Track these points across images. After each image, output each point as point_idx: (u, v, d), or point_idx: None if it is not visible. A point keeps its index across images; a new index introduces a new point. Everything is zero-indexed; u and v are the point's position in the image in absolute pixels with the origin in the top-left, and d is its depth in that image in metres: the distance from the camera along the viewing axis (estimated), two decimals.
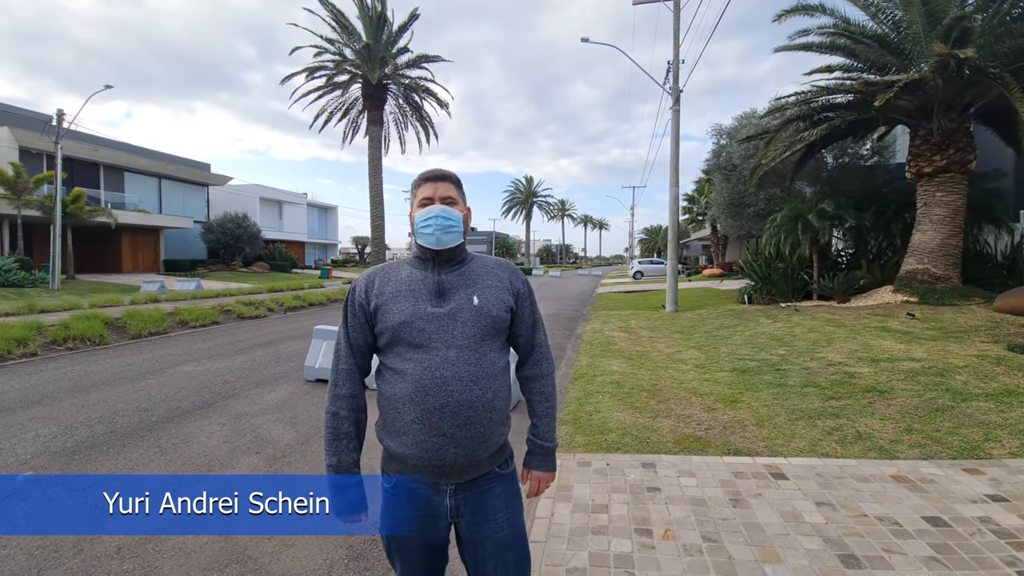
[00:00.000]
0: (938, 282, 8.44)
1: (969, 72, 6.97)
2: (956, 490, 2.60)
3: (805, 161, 10.31)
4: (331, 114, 21.21)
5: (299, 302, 12.73)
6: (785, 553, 2.15)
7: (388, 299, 1.24)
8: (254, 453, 3.45)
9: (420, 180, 1.33)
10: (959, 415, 3.68)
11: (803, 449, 3.33)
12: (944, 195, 8.34)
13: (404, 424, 1.19)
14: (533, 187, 54.21)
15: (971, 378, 4.45)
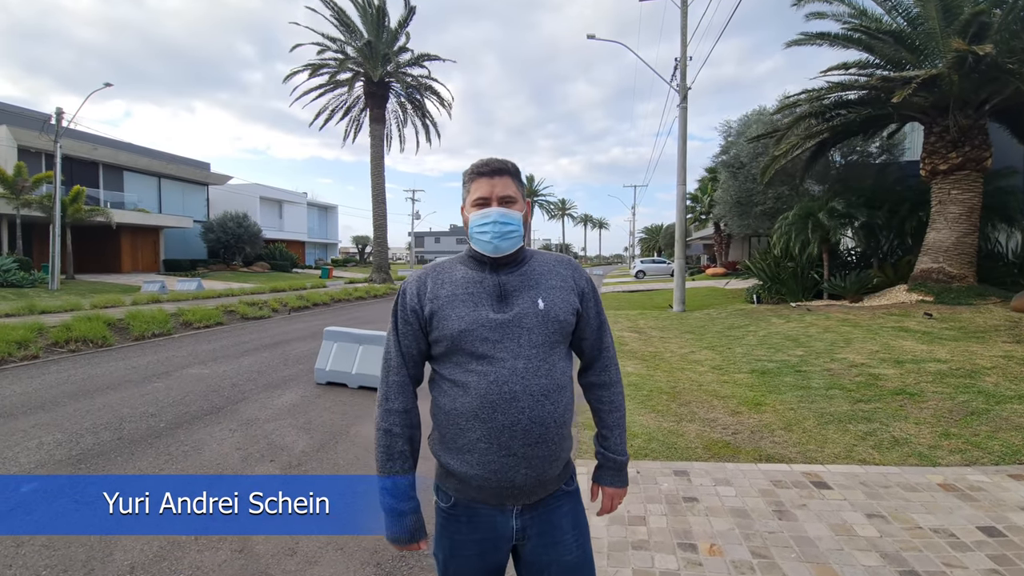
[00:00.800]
0: (954, 281, 8.33)
1: (986, 68, 6.86)
2: (1006, 497, 2.48)
3: (816, 158, 10.20)
4: (332, 112, 21.10)
5: (303, 302, 12.59)
6: (843, 570, 2.02)
7: (444, 304, 1.12)
8: (268, 461, 3.32)
9: (474, 174, 1.18)
10: (995, 418, 3.56)
11: (839, 455, 3.21)
12: (960, 193, 8.24)
13: (468, 442, 1.08)
14: (534, 186, 54.14)
15: (1001, 379, 4.34)
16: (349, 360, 5.18)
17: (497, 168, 1.17)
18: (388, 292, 17.92)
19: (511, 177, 1.18)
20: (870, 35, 8.22)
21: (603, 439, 1.27)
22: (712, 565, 2.10)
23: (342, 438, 3.77)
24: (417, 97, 21.06)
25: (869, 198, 9.94)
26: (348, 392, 5.02)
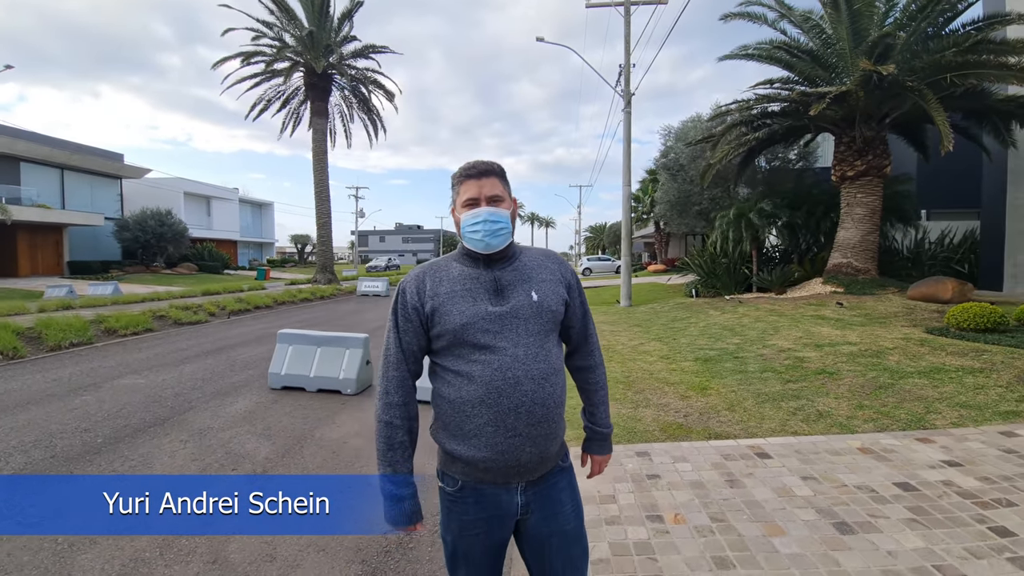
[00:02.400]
0: (860, 274, 9.43)
1: (888, 86, 7.84)
2: (915, 458, 2.92)
3: (746, 163, 11.13)
4: (269, 103, 19.88)
5: (243, 305, 11.82)
6: (787, 526, 2.31)
7: (445, 300, 1.19)
8: (230, 470, 3.17)
9: (462, 176, 1.25)
10: (900, 391, 4.13)
11: (775, 429, 3.59)
12: (864, 196, 9.33)
13: (475, 427, 1.16)
14: None
15: (902, 358, 5.02)
16: (306, 363, 5.01)
17: (484, 169, 1.25)
18: (335, 293, 17.24)
19: (497, 177, 1.26)
20: (790, 54, 9.12)
21: (591, 415, 1.41)
22: (678, 532, 2.31)
23: (307, 442, 3.67)
24: (362, 91, 20.37)
25: (791, 200, 11.01)
26: (307, 396, 4.85)
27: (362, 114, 21.09)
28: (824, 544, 2.14)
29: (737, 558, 2.08)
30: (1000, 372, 4.19)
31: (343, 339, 5.06)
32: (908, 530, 2.19)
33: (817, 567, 1.99)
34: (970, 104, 8.57)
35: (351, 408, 4.51)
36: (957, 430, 3.26)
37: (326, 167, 19.76)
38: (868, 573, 1.93)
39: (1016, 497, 2.35)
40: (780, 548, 2.14)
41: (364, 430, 3.92)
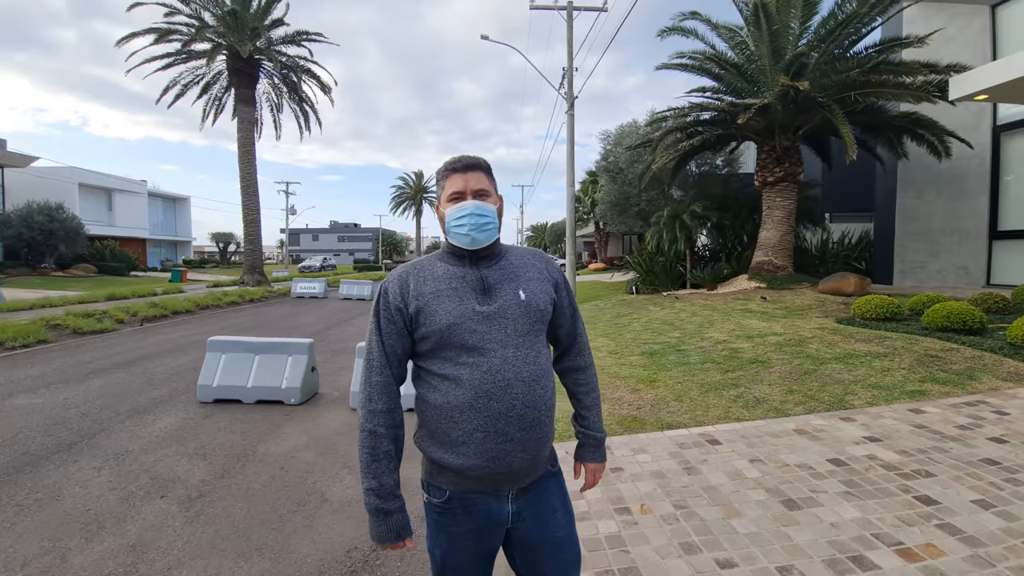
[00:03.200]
0: (779, 271, 10.37)
1: (802, 100, 8.68)
2: (841, 436, 3.24)
3: (680, 168, 11.84)
4: (185, 88, 18.07)
5: (159, 311, 10.64)
6: (742, 507, 2.46)
7: (429, 300, 1.13)
8: (159, 497, 2.82)
9: (447, 170, 1.21)
10: (821, 376, 4.58)
11: (720, 416, 3.84)
12: (782, 200, 10.27)
13: (463, 433, 1.10)
14: (423, 183, 52.89)
15: (820, 346, 5.57)
16: (243, 372, 4.60)
17: (470, 163, 1.20)
18: (267, 296, 16.04)
19: (483, 172, 1.22)
20: (719, 66, 9.83)
21: (583, 419, 1.36)
22: (646, 522, 2.39)
23: (249, 459, 3.37)
24: (294, 79, 19.11)
25: (719, 203, 11.88)
26: (244, 408, 4.46)
27: (293, 105, 19.80)
28: (776, 521, 2.31)
29: (702, 542, 2.19)
30: (902, 356, 4.78)
31: (285, 345, 4.71)
32: (845, 503, 2.42)
33: (773, 543, 2.14)
34: (869, 119, 9.75)
35: (297, 419, 4.21)
36: (872, 408, 3.67)
37: (253, 160, 18.34)
38: (817, 545, 2.11)
39: (934, 468, 2.68)
40: (739, 528, 2.27)
41: (314, 442, 3.68)
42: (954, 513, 2.23)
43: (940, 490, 2.45)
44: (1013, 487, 2.39)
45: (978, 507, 2.25)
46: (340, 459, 3.37)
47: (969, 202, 10.08)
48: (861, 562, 1.97)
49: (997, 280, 9.72)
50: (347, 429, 3.94)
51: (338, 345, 7.57)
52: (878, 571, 1.91)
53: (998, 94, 6.96)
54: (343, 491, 2.91)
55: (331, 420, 4.17)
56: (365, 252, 71.30)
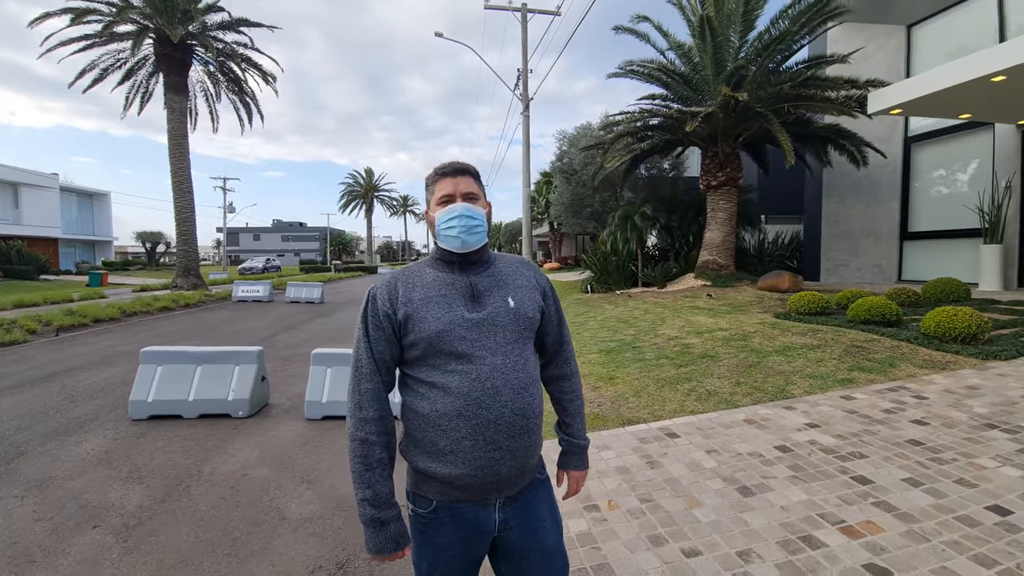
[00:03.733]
0: (722, 270, 10.99)
1: (742, 110, 9.25)
2: (785, 424, 3.48)
3: (631, 170, 12.27)
4: (104, 72, 16.45)
5: (77, 319, 9.61)
6: (702, 497, 2.58)
7: (419, 307, 1.14)
8: (91, 527, 2.55)
9: (437, 175, 1.23)
10: (765, 368, 4.90)
11: (677, 410, 4.01)
12: (724, 203, 10.90)
13: (451, 442, 1.09)
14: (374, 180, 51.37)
15: (763, 340, 5.96)
16: (183, 385, 4.25)
17: (459, 168, 1.23)
18: (204, 300, 14.94)
19: (472, 177, 1.24)
20: (667, 75, 10.28)
21: (566, 426, 1.38)
22: (614, 518, 2.45)
23: (194, 480, 3.12)
24: (232, 68, 17.92)
25: (668, 205, 12.42)
26: (185, 424, 4.12)
27: (232, 95, 18.57)
28: (733, 508, 2.44)
29: (668, 533, 2.27)
30: (832, 347, 5.21)
31: (231, 354, 4.40)
32: (793, 486, 2.61)
33: (732, 529, 2.26)
34: (799, 129, 10.56)
35: (247, 433, 3.95)
36: (810, 397, 3.98)
37: (186, 153, 17.01)
38: (771, 528, 2.25)
39: (865, 450, 2.94)
40: (701, 518, 2.38)
41: (268, 456, 3.46)
42: (888, 491, 2.46)
43: (873, 470, 2.69)
44: (938, 466, 2.67)
45: (908, 485, 2.50)
46: (298, 473, 3.20)
47: (883, 206, 11.17)
48: (810, 541, 2.12)
49: (907, 276, 10.85)
50: (303, 441, 3.74)
51: (288, 352, 7.19)
52: (826, 549, 2.07)
53: (911, 109, 7.76)
54: (303, 507, 2.76)
55: (285, 432, 3.94)
56: (312, 252, 68.24)
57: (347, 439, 1.16)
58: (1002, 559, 1.87)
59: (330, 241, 60.50)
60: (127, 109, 17.52)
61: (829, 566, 1.96)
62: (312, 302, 14.82)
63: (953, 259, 9.76)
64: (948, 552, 1.95)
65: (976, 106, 7.66)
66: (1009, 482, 2.43)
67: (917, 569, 1.88)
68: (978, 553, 1.92)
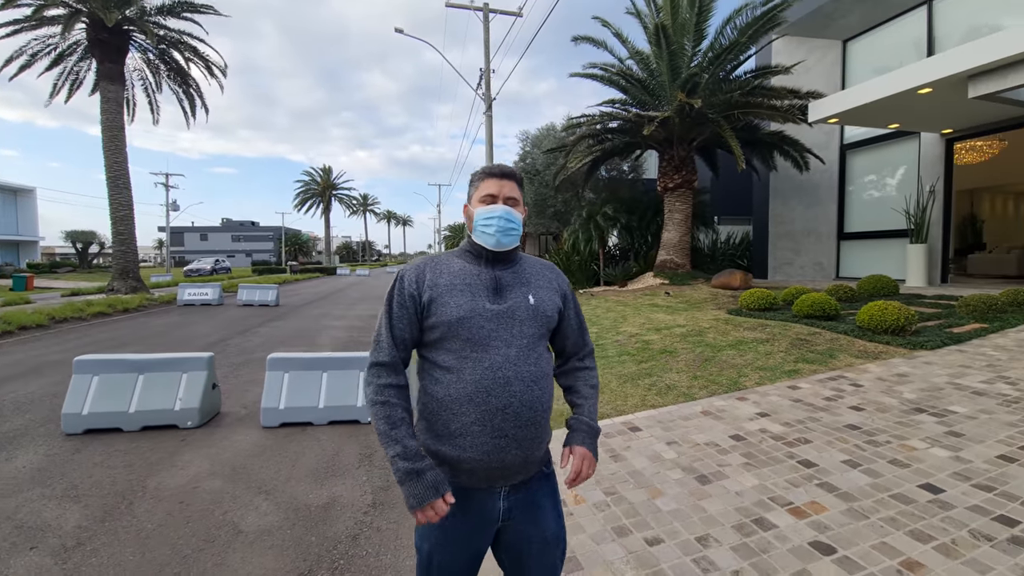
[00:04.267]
0: (679, 268, 11.43)
1: (696, 115, 9.66)
2: (739, 414, 3.66)
3: (592, 172, 12.54)
4: (32, 58, 15.06)
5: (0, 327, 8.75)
6: (664, 487, 2.68)
7: (443, 291, 1.20)
8: (28, 549, 2.33)
9: (483, 174, 1.30)
10: (719, 362, 5.14)
11: (638, 405, 4.13)
12: (680, 204, 11.33)
13: (461, 426, 1.15)
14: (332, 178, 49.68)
15: (717, 335, 6.24)
16: (123, 395, 3.96)
17: (506, 172, 1.29)
18: (145, 304, 13.95)
19: (516, 183, 1.30)
20: (626, 80, 10.58)
21: (579, 408, 1.35)
22: (580, 511, 2.50)
23: (138, 497, 2.91)
24: (175, 57, 16.83)
25: (628, 206, 12.78)
26: (127, 438, 3.84)
27: (175, 86, 17.44)
28: (692, 496, 2.55)
29: (632, 524, 2.34)
30: (779, 341, 5.53)
31: (177, 361, 4.14)
32: (746, 472, 2.75)
33: (691, 517, 2.36)
34: (748, 135, 11.15)
35: (197, 444, 3.72)
36: (761, 388, 4.20)
37: (123, 146, 15.81)
38: (727, 513, 2.36)
39: (809, 435, 3.14)
40: (662, 507, 2.47)
41: (220, 468, 3.28)
42: (830, 473, 2.64)
43: (817, 454, 2.88)
44: (873, 448, 2.90)
45: (848, 467, 2.69)
46: (254, 483, 3.05)
47: (823, 208, 11.97)
48: (762, 523, 2.25)
49: (844, 273, 11.67)
50: (259, 450, 3.57)
51: (241, 357, 6.84)
52: (776, 530, 2.19)
53: (846, 118, 8.36)
54: (260, 519, 2.64)
55: (240, 441, 3.75)
56: (265, 253, 65.27)
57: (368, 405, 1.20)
58: (937, 535, 2.05)
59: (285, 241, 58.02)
60: (54, 96, 16.09)
61: (779, 545, 2.08)
62: (267, 305, 14.18)
63: (884, 257, 10.60)
64: (886, 528, 2.12)
65: (904, 116, 8.35)
66: (939, 462, 2.66)
67: (858, 545, 2.03)
68: (914, 529, 2.10)
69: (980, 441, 2.84)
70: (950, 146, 9.44)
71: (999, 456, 2.63)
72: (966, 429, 3.04)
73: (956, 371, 4.19)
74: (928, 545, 1.98)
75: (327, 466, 3.26)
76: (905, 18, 9.90)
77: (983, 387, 3.73)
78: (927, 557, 1.91)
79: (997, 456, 2.63)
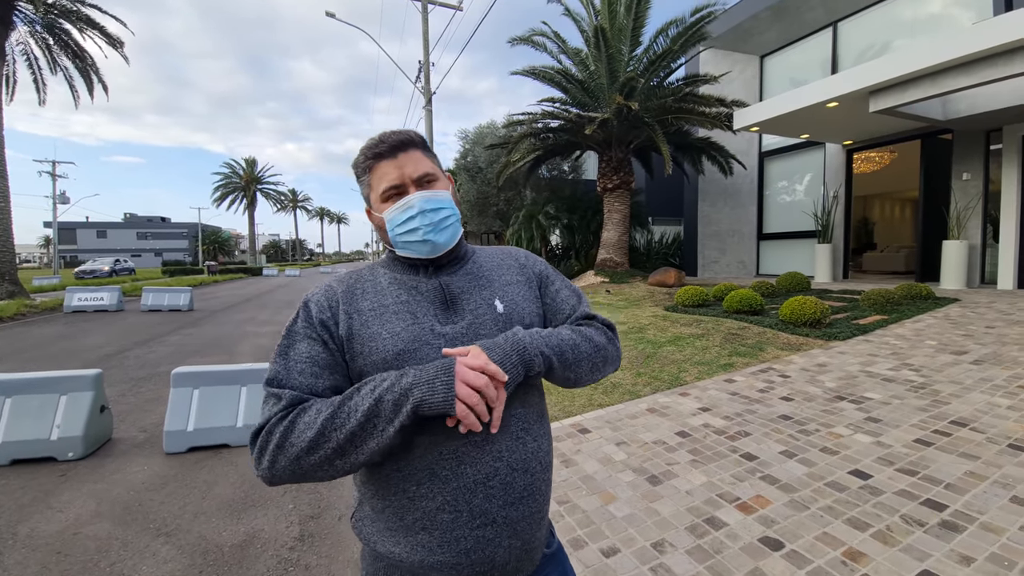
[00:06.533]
0: (618, 267, 11.76)
1: (633, 118, 9.96)
2: (682, 410, 3.73)
3: (534, 170, 12.56)
4: None
5: None
6: (616, 491, 2.62)
7: (370, 319, 0.83)
8: None
9: (368, 157, 0.89)
10: (660, 358, 5.26)
11: (586, 405, 4.09)
12: (618, 204, 11.66)
13: (422, 515, 0.79)
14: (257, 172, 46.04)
15: (656, 332, 6.43)
16: None
17: (397, 142, 0.88)
18: (24, 312, 11.98)
19: (419, 149, 0.90)
20: (567, 80, 10.68)
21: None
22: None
23: (7, 547, 2.37)
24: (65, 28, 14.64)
25: (569, 205, 12.96)
26: None
27: (66, 61, 15.19)
28: (645, 499, 2.50)
29: (587, 534, 2.24)
30: (714, 335, 5.79)
31: (54, 380, 3.48)
32: (694, 469, 2.76)
33: (646, 521, 2.31)
34: (680, 140, 11.72)
35: (80, 479, 3.13)
36: (700, 382, 4.33)
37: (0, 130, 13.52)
38: (679, 514, 2.34)
39: (749, 428, 3.24)
40: (616, 513, 2.40)
41: (109, 507, 2.77)
42: (770, 465, 2.71)
43: (756, 446, 2.97)
44: (805, 437, 3.03)
45: (785, 457, 2.79)
46: (152, 525, 2.60)
47: (744, 210, 12.89)
48: (714, 523, 2.24)
49: (764, 271, 12.65)
50: (160, 483, 3.07)
51: (144, 371, 6.01)
52: (727, 528, 2.19)
53: (765, 127, 9.01)
54: (158, 568, 2.23)
55: (135, 472, 3.21)
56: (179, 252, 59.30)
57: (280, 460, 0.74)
58: (872, 522, 2.14)
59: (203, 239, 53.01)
60: None
61: (731, 544, 2.07)
62: (178, 310, 12.75)
63: (796, 256, 11.60)
64: (826, 518, 2.19)
65: (813, 128, 9.15)
66: (863, 448, 2.83)
67: (803, 537, 2.06)
68: (851, 517, 2.18)
69: (896, 426, 3.08)
70: (850, 156, 10.52)
71: (916, 440, 2.85)
72: (882, 415, 3.28)
73: (866, 359, 4.58)
74: (866, 533, 2.06)
75: (245, 495, 2.85)
76: (814, 38, 10.89)
77: (891, 374, 4.09)
78: (867, 546, 1.97)
79: (914, 440, 2.85)
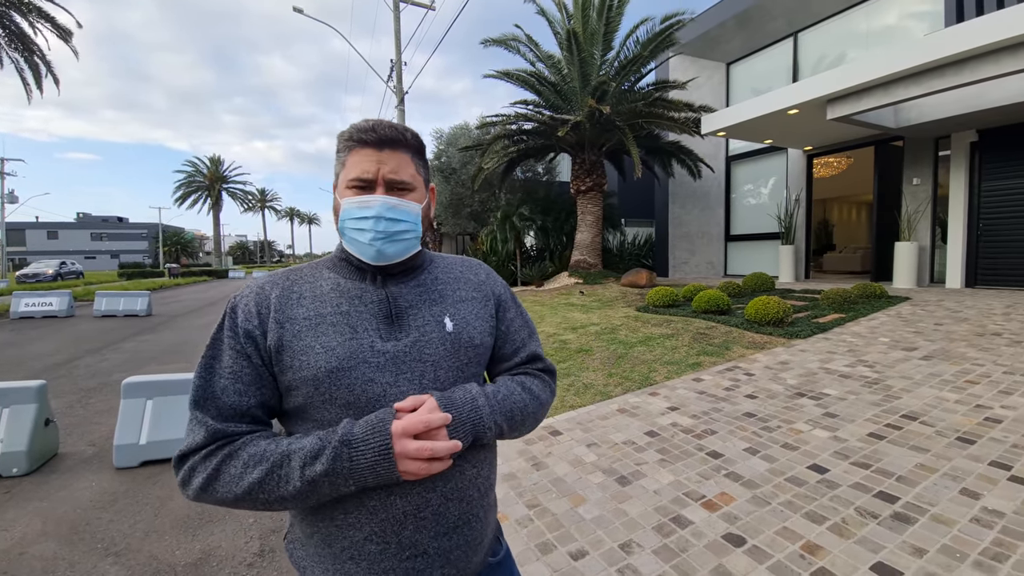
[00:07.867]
0: (592, 268, 11.89)
1: (605, 122, 10.10)
2: (652, 409, 3.78)
3: (509, 172, 12.58)
4: None
5: None
6: (586, 493, 2.63)
7: (303, 329, 0.77)
8: None
9: (352, 141, 0.81)
10: (632, 358, 5.33)
11: (557, 406, 4.10)
12: (592, 206, 11.80)
13: (350, 545, 0.76)
14: (222, 170, 44.36)
15: (628, 332, 6.52)
16: None
17: (387, 137, 0.81)
18: None
19: (410, 153, 0.84)
20: (540, 82, 10.75)
21: None
22: (503, 529, 2.34)
23: None
24: (14, 17, 13.75)
25: (544, 207, 13.03)
26: None
27: (14, 53, 14.28)
28: (614, 500, 2.52)
29: (556, 538, 2.24)
30: (683, 335, 5.91)
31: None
32: (662, 469, 2.80)
33: (613, 522, 2.32)
34: (650, 143, 11.96)
35: (25, 496, 2.93)
36: (670, 382, 4.41)
37: None
38: (647, 514, 2.36)
39: (715, 426, 3.32)
40: (585, 515, 2.41)
41: (55, 526, 2.59)
42: (734, 462, 2.78)
43: (722, 444, 3.04)
44: (768, 434, 3.12)
45: (749, 454, 2.86)
46: (100, 544, 2.44)
47: (713, 212, 13.26)
48: (680, 521, 2.27)
49: (731, 271, 13.03)
50: (110, 500, 2.90)
51: (95, 380, 5.69)
52: (693, 526, 2.23)
53: (732, 132, 9.29)
54: None
55: (83, 490, 3.02)
56: (138, 254, 56.65)
57: (202, 496, 0.78)
58: (828, 515, 2.21)
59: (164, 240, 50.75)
60: None
61: (696, 542, 2.11)
62: (134, 315, 12.15)
63: (761, 257, 12.00)
64: (786, 512, 2.25)
65: (776, 133, 9.49)
66: (821, 443, 2.94)
67: (764, 533, 2.12)
68: (809, 511, 2.25)
69: (851, 420, 3.21)
70: (810, 161, 10.96)
71: (869, 434, 2.98)
72: (839, 410, 3.42)
73: (825, 356, 4.76)
74: (823, 526, 2.13)
75: (202, 511, 2.73)
76: (776, 47, 11.31)
77: (847, 370, 4.27)
78: (824, 539, 2.04)
79: (867, 434, 2.98)
